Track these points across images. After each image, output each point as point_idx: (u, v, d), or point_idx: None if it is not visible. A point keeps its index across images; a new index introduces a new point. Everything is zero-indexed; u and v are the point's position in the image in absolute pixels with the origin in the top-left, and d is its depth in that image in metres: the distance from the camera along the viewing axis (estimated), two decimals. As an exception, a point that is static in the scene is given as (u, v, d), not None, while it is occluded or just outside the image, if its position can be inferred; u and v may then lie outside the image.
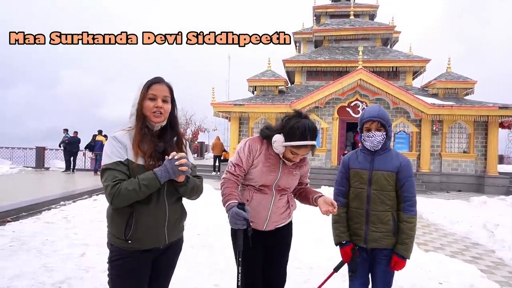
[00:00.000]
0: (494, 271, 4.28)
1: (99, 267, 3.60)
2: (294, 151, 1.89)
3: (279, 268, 2.14)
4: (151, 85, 1.66)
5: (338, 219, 2.19)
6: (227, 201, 1.85)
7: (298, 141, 1.84)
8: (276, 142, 1.90)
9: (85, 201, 7.86)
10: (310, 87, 16.72)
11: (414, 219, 2.06)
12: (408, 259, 2.06)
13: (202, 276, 3.50)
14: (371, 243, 2.09)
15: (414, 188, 2.08)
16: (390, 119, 2.12)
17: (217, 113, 16.12)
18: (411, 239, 2.04)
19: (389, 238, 2.07)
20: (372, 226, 2.07)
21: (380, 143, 2.08)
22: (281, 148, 1.90)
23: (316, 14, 21.38)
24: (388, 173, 2.06)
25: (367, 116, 2.09)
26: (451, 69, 15.46)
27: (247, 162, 1.98)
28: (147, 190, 1.53)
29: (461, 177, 13.94)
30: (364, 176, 2.11)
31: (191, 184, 1.69)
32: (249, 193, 2.01)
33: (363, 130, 2.12)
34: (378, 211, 2.06)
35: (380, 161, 2.10)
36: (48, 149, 17.15)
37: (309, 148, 1.90)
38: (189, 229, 2.13)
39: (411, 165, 2.14)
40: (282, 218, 2.08)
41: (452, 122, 14.08)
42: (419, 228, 6.75)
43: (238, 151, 2.01)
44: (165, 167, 1.56)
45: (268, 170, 1.97)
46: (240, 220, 1.74)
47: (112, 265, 1.63)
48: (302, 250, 3.96)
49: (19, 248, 4.22)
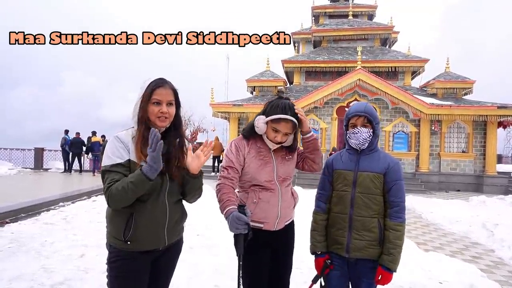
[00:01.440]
0: (494, 271, 4.28)
1: (98, 268, 3.59)
2: (275, 127, 1.88)
3: (283, 272, 2.07)
4: (155, 89, 1.61)
5: (316, 226, 2.02)
6: (225, 207, 1.78)
7: (278, 115, 1.86)
8: (258, 120, 1.91)
9: (84, 202, 7.84)
10: (309, 87, 16.73)
11: (401, 226, 1.85)
12: (394, 271, 1.84)
13: (202, 277, 3.49)
14: (353, 252, 1.87)
15: (403, 193, 1.89)
16: (378, 116, 1.96)
17: (216, 113, 16.13)
18: (398, 249, 1.83)
19: (374, 248, 1.85)
20: (356, 233, 1.87)
21: (366, 140, 1.90)
22: (262, 125, 1.89)
23: (314, 14, 21.40)
24: (374, 175, 1.87)
25: (352, 111, 1.94)
26: (449, 69, 15.50)
27: (237, 160, 1.93)
28: (135, 188, 1.46)
29: (460, 176, 13.97)
30: (348, 178, 1.92)
31: (202, 179, 1.72)
32: (255, 194, 1.94)
33: (349, 127, 1.96)
34: (362, 217, 1.86)
35: (366, 161, 1.92)
36: (47, 150, 17.11)
37: (290, 124, 1.87)
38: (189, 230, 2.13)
39: (401, 167, 1.95)
40: (290, 211, 2.06)
41: (451, 122, 14.11)
42: (418, 227, 6.76)
43: (226, 154, 1.99)
44: (146, 162, 1.49)
45: (263, 162, 1.95)
46: (241, 225, 1.67)
47: (111, 266, 1.62)
48: (301, 250, 3.96)
49: (18, 250, 4.21)
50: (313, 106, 14.75)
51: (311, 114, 15.04)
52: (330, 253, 1.99)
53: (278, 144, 1.95)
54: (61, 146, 14.63)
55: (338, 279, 1.96)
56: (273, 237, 1.98)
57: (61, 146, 14.57)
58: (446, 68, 15.53)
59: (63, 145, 14.46)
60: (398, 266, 1.85)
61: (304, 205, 3.21)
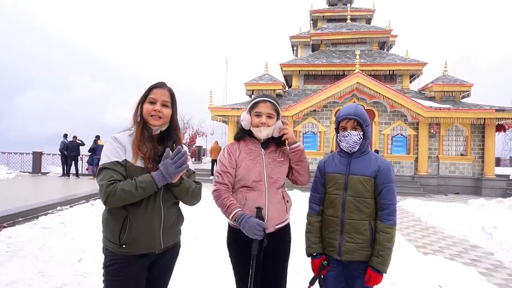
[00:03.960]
0: (494, 274, 4.27)
1: (96, 272, 3.56)
2: (256, 111, 1.97)
3: (275, 276, 2.03)
4: (152, 89, 1.69)
5: (311, 228, 2.04)
6: (232, 211, 1.84)
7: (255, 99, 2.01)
8: (242, 115, 2.03)
9: (82, 206, 7.81)
10: (308, 91, 16.77)
11: (391, 229, 1.86)
12: (384, 273, 1.85)
13: (200, 281, 3.48)
14: (345, 255, 1.90)
15: (394, 195, 1.90)
16: (368, 119, 1.97)
17: (215, 117, 16.13)
18: (387, 251, 1.84)
19: (366, 250, 1.88)
20: (347, 236, 1.89)
21: (357, 143, 1.91)
22: (246, 116, 2.00)
23: (313, 18, 21.50)
24: (365, 178, 1.89)
25: (342, 114, 1.95)
26: (447, 72, 15.55)
27: (230, 165, 1.97)
28: (144, 193, 1.54)
29: (458, 179, 13.98)
30: (339, 181, 1.94)
31: (185, 186, 1.67)
32: (242, 195, 1.96)
33: (339, 130, 1.98)
34: (353, 220, 1.88)
35: (357, 164, 1.93)
36: (45, 154, 17.07)
37: (268, 104, 1.97)
38: (187, 234, 2.12)
39: (392, 169, 1.96)
40: (280, 214, 2.00)
41: (449, 125, 14.14)
42: (417, 231, 6.75)
43: (219, 159, 2.03)
44: (160, 171, 1.56)
45: (253, 162, 1.97)
46: (259, 231, 1.76)
47: (107, 270, 1.61)
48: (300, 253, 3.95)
49: (15, 254, 4.19)
50: (312, 110, 14.78)
51: (309, 117, 15.06)
52: (326, 254, 2.01)
53: (267, 131, 1.97)
54: (59, 150, 14.63)
55: (334, 279, 1.98)
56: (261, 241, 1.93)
57: (60, 150, 14.57)
58: (444, 71, 15.59)
59: (61, 149, 14.46)
60: (387, 268, 1.86)
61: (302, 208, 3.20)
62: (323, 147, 14.89)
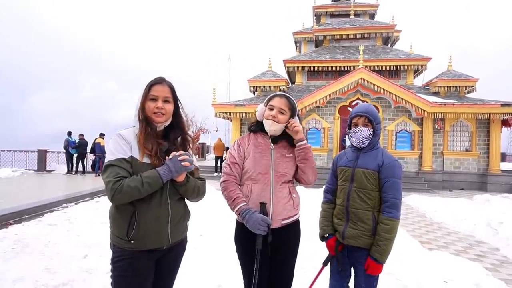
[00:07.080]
0: (499, 269, 4.25)
1: (102, 268, 3.59)
2: (270, 104, 2.01)
3: (281, 272, 2.01)
4: (152, 86, 1.68)
5: (324, 214, 2.26)
6: (237, 204, 1.88)
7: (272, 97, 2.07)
8: (258, 106, 2.10)
9: (87, 203, 7.86)
10: (311, 87, 16.70)
11: (392, 221, 1.95)
12: (383, 263, 1.97)
13: (205, 276, 3.49)
14: (347, 239, 2.08)
15: (397, 190, 1.99)
16: (379, 117, 2.13)
17: (218, 113, 16.13)
18: (385, 241, 1.94)
19: (367, 238, 2.01)
20: (352, 223, 2.07)
21: (366, 139, 2.07)
22: (261, 107, 2.06)
23: (316, 14, 21.38)
24: (368, 171, 2.04)
25: (354, 111, 2.14)
26: (452, 67, 15.41)
27: (239, 156, 2.02)
28: (150, 189, 1.54)
29: (463, 175, 13.89)
30: (347, 173, 2.13)
31: (191, 184, 1.69)
32: (247, 188, 1.97)
33: (351, 126, 2.16)
34: (356, 209, 2.05)
35: (364, 159, 2.09)
36: (50, 151, 17.16)
37: (283, 99, 2.01)
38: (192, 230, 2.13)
39: (397, 166, 2.05)
40: (286, 209, 1.97)
41: (454, 120, 14.04)
42: (422, 226, 6.73)
43: (229, 151, 2.11)
44: (167, 166, 1.57)
45: (260, 155, 1.99)
46: (263, 226, 1.79)
47: (115, 266, 1.62)
48: (306, 249, 3.95)
49: (22, 251, 4.22)
50: (315, 106, 14.72)
51: (313, 113, 15.01)
52: None
53: (275, 127, 1.98)
54: (64, 148, 14.72)
55: (343, 259, 2.17)
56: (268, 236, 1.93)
57: (64, 147, 14.66)
58: (448, 66, 15.45)
59: (66, 147, 14.55)
60: (386, 259, 1.97)
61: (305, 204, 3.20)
62: (327, 143, 14.85)
